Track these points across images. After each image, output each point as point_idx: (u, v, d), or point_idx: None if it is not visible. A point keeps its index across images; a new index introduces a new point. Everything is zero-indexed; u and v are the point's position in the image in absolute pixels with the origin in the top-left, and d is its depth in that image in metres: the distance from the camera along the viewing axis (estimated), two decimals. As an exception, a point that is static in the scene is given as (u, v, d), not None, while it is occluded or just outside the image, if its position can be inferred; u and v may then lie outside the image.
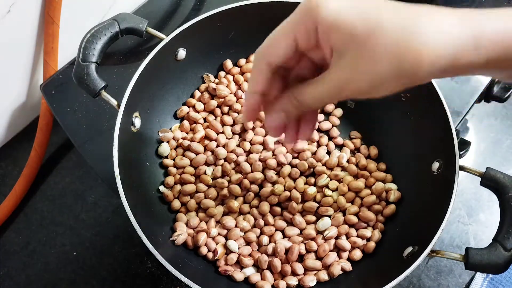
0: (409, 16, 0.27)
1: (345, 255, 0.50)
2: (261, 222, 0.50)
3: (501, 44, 0.27)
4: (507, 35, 0.27)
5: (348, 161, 0.55)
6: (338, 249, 0.50)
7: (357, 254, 0.50)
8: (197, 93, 0.58)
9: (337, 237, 0.50)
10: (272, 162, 0.53)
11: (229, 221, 0.50)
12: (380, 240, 0.50)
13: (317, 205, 0.51)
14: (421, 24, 0.27)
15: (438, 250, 0.44)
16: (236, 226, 0.50)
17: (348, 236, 0.50)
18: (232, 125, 0.56)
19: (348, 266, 0.49)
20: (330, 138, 0.56)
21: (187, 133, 0.56)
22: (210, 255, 0.49)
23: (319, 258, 0.49)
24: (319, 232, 0.50)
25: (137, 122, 0.51)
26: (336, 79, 0.30)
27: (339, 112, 0.58)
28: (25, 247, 0.57)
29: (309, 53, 0.33)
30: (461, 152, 0.54)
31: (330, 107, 0.58)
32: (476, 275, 0.54)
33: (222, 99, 0.56)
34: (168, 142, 0.55)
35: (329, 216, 0.51)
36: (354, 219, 0.50)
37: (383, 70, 0.28)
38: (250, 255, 0.50)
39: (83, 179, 0.61)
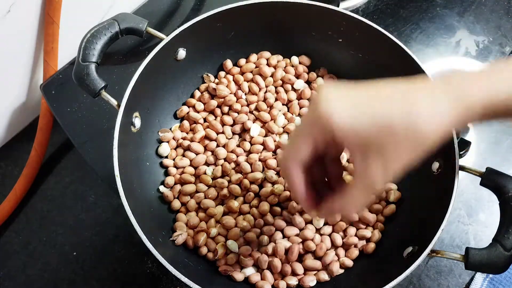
0: (409, 107, 0.32)
1: (342, 253, 0.50)
2: (261, 222, 0.50)
3: (489, 108, 0.32)
4: (492, 100, 0.32)
5: (348, 161, 0.55)
6: (335, 247, 0.50)
7: (355, 253, 0.50)
8: (197, 93, 0.58)
9: (332, 233, 0.51)
10: (272, 162, 0.53)
11: (229, 221, 0.50)
12: (380, 240, 0.50)
13: (317, 205, 0.51)
14: (419, 114, 0.32)
15: (438, 250, 0.44)
16: (236, 226, 0.50)
17: (346, 235, 0.50)
18: (232, 125, 0.56)
19: (348, 262, 0.49)
20: (330, 138, 0.56)
21: (187, 133, 0.56)
22: (210, 255, 0.49)
23: (318, 257, 0.49)
24: (317, 230, 0.50)
25: (137, 122, 0.51)
26: (374, 177, 0.34)
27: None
28: (25, 247, 0.57)
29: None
30: (461, 152, 0.54)
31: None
32: (476, 275, 0.54)
33: (222, 99, 0.56)
34: (168, 142, 0.55)
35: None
36: (355, 216, 0.50)
37: (404, 158, 0.33)
38: (250, 255, 0.49)
39: (83, 179, 0.61)
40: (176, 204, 0.52)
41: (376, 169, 0.33)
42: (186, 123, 0.56)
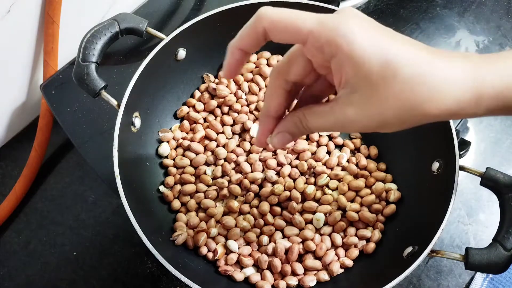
0: (425, 64, 0.29)
1: (342, 253, 0.50)
2: (261, 222, 0.50)
3: (501, 98, 0.29)
4: (506, 90, 0.29)
5: (348, 161, 0.55)
6: (335, 247, 0.50)
7: (355, 253, 0.50)
8: (197, 93, 0.58)
9: (332, 233, 0.51)
10: (272, 162, 0.53)
11: (229, 221, 0.50)
12: (380, 240, 0.50)
13: (317, 204, 0.51)
14: (433, 75, 0.28)
15: (438, 250, 0.44)
16: (236, 226, 0.50)
17: (346, 235, 0.50)
18: (232, 125, 0.56)
19: (348, 262, 0.49)
20: (330, 138, 0.56)
21: (187, 133, 0.56)
22: (210, 255, 0.49)
23: (318, 258, 0.49)
24: (317, 230, 0.50)
25: (137, 122, 0.51)
26: (344, 114, 0.30)
27: (339, 112, 0.58)
28: (25, 247, 0.57)
29: (322, 72, 0.33)
30: (461, 152, 0.54)
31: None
32: (476, 275, 0.54)
33: (222, 99, 0.56)
34: (168, 142, 0.55)
35: (325, 214, 0.51)
36: (356, 216, 0.50)
37: (391, 114, 0.29)
38: (250, 255, 0.50)
39: (83, 179, 0.61)
40: (176, 204, 0.52)
41: (354, 107, 0.30)
42: (186, 123, 0.56)
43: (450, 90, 0.29)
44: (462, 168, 0.46)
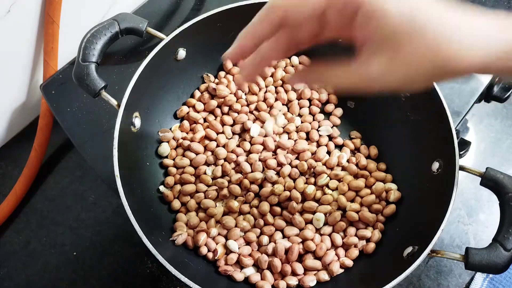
0: (452, 20, 0.29)
1: (342, 253, 0.50)
2: (261, 222, 0.50)
3: None
4: None
5: (348, 161, 0.55)
6: (335, 247, 0.50)
7: (355, 253, 0.50)
8: (197, 93, 0.58)
9: (332, 233, 0.51)
10: (272, 162, 0.53)
11: (229, 221, 0.50)
12: (380, 240, 0.50)
13: (317, 204, 0.51)
14: (461, 30, 0.28)
15: (438, 250, 0.44)
16: (236, 226, 0.50)
17: (346, 235, 0.50)
18: (232, 125, 0.56)
19: (348, 262, 0.49)
20: (330, 138, 0.56)
21: (187, 133, 0.56)
22: (210, 255, 0.49)
23: (318, 258, 0.49)
24: (317, 230, 0.50)
25: (137, 122, 0.51)
26: (369, 70, 0.30)
27: (339, 112, 0.58)
28: (25, 247, 0.57)
29: (330, 34, 0.33)
30: (461, 152, 0.54)
31: (330, 107, 0.58)
32: (476, 275, 0.54)
33: (222, 99, 0.56)
34: (168, 142, 0.55)
35: (325, 214, 0.51)
36: (356, 216, 0.50)
37: (421, 68, 0.29)
38: (250, 255, 0.50)
39: (83, 179, 0.61)
40: (176, 204, 0.52)
41: (379, 64, 0.29)
42: (186, 123, 0.56)
43: (479, 40, 0.29)
44: (462, 168, 0.46)
